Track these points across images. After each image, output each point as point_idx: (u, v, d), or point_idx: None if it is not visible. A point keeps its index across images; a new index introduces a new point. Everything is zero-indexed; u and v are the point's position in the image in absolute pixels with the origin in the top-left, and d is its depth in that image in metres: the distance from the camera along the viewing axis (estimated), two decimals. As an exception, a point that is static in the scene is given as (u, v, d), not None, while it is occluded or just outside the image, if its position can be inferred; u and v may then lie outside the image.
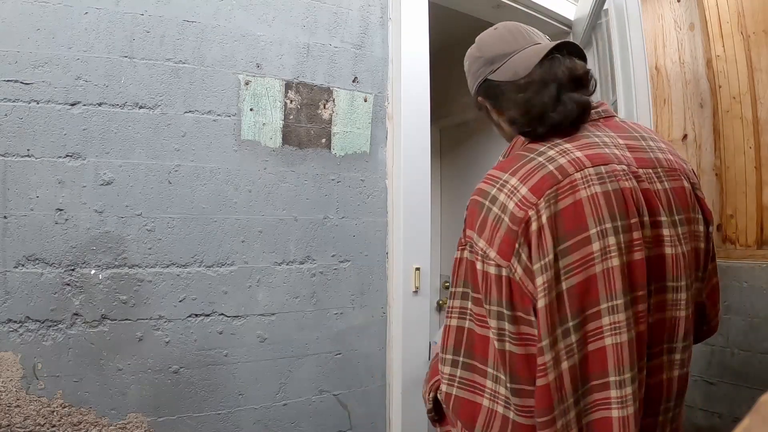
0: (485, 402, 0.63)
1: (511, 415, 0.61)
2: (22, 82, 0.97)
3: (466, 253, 0.68)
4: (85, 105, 1.02)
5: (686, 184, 0.68)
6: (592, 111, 0.70)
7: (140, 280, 1.05)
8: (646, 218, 0.63)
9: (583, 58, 0.73)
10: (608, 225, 0.60)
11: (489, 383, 0.63)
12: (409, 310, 1.34)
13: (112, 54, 1.05)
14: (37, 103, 0.98)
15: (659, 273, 0.64)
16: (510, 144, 0.80)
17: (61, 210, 1.00)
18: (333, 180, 1.29)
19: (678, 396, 0.68)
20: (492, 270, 0.62)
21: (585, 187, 0.61)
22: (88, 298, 1.01)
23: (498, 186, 0.66)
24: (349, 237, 1.31)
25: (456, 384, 0.65)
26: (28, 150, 0.98)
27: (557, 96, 0.67)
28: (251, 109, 1.19)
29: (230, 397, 1.14)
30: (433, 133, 1.45)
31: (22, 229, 0.97)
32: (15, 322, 0.95)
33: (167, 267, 1.08)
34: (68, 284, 0.99)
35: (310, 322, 1.24)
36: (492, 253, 0.62)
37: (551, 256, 0.59)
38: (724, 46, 1.55)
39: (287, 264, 1.22)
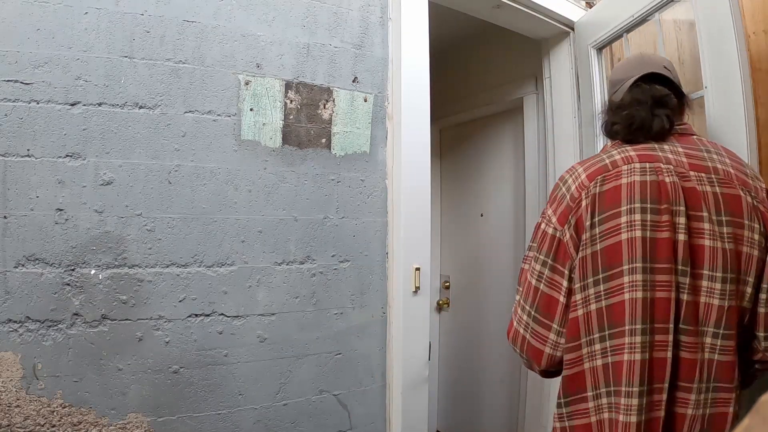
0: (547, 350, 0.84)
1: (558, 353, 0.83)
2: (22, 82, 0.97)
3: (543, 224, 0.87)
4: (85, 105, 1.02)
5: (742, 193, 0.78)
6: (676, 126, 0.86)
7: (140, 280, 1.05)
8: (682, 208, 0.76)
9: (666, 82, 0.89)
10: (637, 205, 0.77)
11: (552, 336, 0.83)
12: (409, 310, 1.34)
13: (112, 54, 1.05)
14: (37, 103, 0.98)
15: (697, 259, 0.76)
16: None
17: (61, 210, 1.00)
18: (333, 180, 1.29)
19: (711, 380, 0.76)
20: (549, 230, 0.85)
21: (627, 176, 0.80)
22: (88, 298, 1.01)
23: (570, 173, 0.88)
24: (349, 237, 1.31)
25: (529, 331, 0.86)
26: (28, 150, 0.98)
27: (650, 112, 0.85)
28: (251, 109, 1.19)
29: (230, 397, 1.14)
30: (433, 133, 1.45)
31: (22, 229, 0.97)
32: (15, 322, 0.95)
33: (167, 267, 1.08)
34: (68, 284, 0.99)
35: (310, 322, 1.24)
36: (554, 219, 0.85)
37: (589, 224, 0.80)
38: (724, 46, 1.54)
39: (287, 264, 1.22)
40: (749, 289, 0.77)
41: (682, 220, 0.76)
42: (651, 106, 0.85)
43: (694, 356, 0.76)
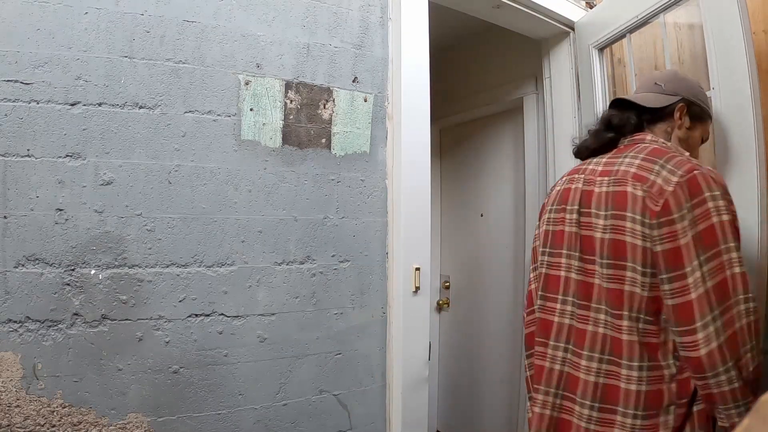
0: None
1: None
2: (22, 82, 0.97)
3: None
4: (85, 105, 1.02)
5: (631, 189, 0.86)
6: (624, 139, 1.00)
7: (140, 280, 1.05)
8: (575, 207, 0.96)
9: (626, 106, 1.02)
10: (551, 207, 1.04)
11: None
12: (409, 310, 1.34)
13: (112, 54, 1.05)
14: (37, 103, 0.98)
15: (588, 247, 0.93)
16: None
17: (61, 210, 1.00)
18: (333, 180, 1.29)
19: (606, 352, 0.88)
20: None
21: (557, 186, 1.07)
22: (88, 298, 1.01)
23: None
24: (349, 237, 1.31)
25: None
26: (28, 150, 0.98)
27: (595, 136, 1.03)
28: (251, 109, 1.19)
29: (230, 397, 1.14)
30: (433, 133, 1.45)
31: (22, 229, 0.97)
32: (15, 322, 0.95)
33: (167, 267, 1.08)
34: (68, 284, 0.99)
35: (310, 322, 1.24)
36: None
37: (538, 222, 1.11)
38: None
39: (287, 264, 1.22)
40: (639, 276, 0.84)
41: (573, 216, 0.96)
42: (598, 131, 1.03)
43: (585, 327, 0.92)
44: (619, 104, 1.05)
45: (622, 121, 1.00)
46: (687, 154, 0.93)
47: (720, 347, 0.75)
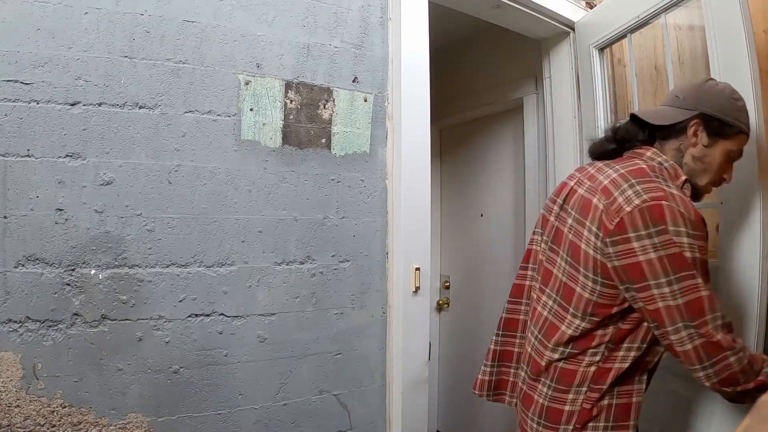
0: None
1: None
2: (22, 82, 0.97)
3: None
4: (85, 105, 1.02)
5: (596, 200, 0.90)
6: (626, 153, 1.02)
7: (140, 280, 1.05)
8: (560, 201, 1.01)
9: (637, 122, 1.02)
10: (551, 195, 1.08)
11: None
12: (409, 310, 1.34)
13: (112, 54, 1.05)
14: (37, 103, 0.98)
15: (558, 239, 0.99)
16: None
17: (61, 210, 1.00)
18: (333, 180, 1.29)
19: (541, 332, 0.97)
20: None
21: (564, 178, 1.09)
22: (88, 298, 1.01)
23: None
24: (349, 237, 1.31)
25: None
26: (28, 150, 0.98)
27: (602, 144, 1.07)
28: (251, 109, 1.19)
29: (230, 397, 1.14)
30: (433, 133, 1.45)
31: (22, 229, 0.97)
32: (15, 322, 0.95)
33: (167, 267, 1.08)
34: (68, 284, 0.99)
35: (310, 322, 1.24)
36: None
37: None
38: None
39: (287, 264, 1.22)
40: (589, 283, 0.89)
41: (557, 209, 1.02)
42: (603, 139, 1.06)
43: (536, 306, 1.01)
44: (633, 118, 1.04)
45: (628, 135, 1.01)
46: (682, 179, 0.94)
47: (695, 349, 0.81)
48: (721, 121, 0.94)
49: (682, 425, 1.16)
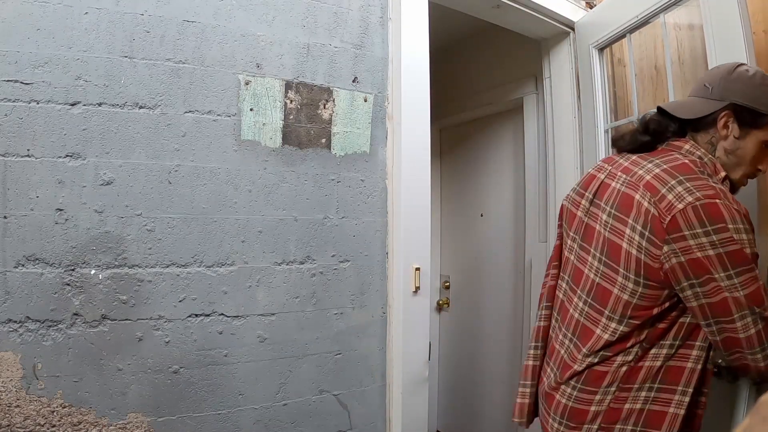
0: None
1: None
2: (22, 82, 0.97)
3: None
4: (85, 105, 1.02)
5: (640, 197, 0.86)
6: (659, 145, 0.99)
7: (140, 280, 1.05)
8: (590, 196, 0.98)
9: (666, 114, 0.98)
10: (576, 187, 1.05)
11: None
12: (409, 310, 1.34)
13: (112, 54, 1.05)
14: (37, 103, 0.98)
15: (588, 236, 0.96)
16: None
17: (61, 210, 1.00)
18: (333, 180, 1.29)
19: (574, 334, 0.94)
20: None
21: (590, 170, 1.05)
22: (88, 298, 1.01)
23: None
24: (349, 237, 1.31)
25: None
26: (28, 150, 0.98)
27: (632, 135, 1.02)
28: (251, 109, 1.19)
29: (230, 397, 1.14)
30: (433, 133, 1.45)
31: (22, 229, 0.97)
32: (15, 322, 0.95)
33: (167, 267, 1.08)
34: (68, 284, 0.99)
35: (310, 322, 1.24)
36: None
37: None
38: (724, 46, 1.54)
39: (287, 264, 1.22)
40: (630, 284, 0.86)
41: (586, 204, 0.98)
42: (635, 132, 1.02)
43: (568, 307, 0.98)
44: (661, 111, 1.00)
45: (660, 128, 0.97)
46: (721, 174, 0.91)
47: (758, 333, 0.80)
48: (753, 110, 0.88)
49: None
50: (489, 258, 2.44)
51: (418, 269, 1.35)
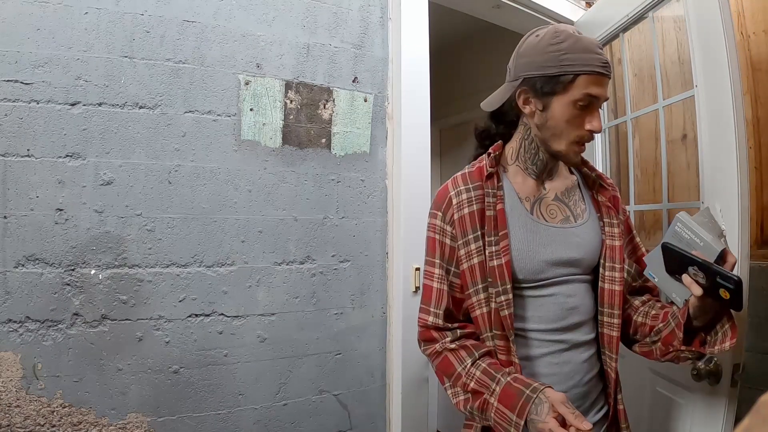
0: None
1: None
2: (22, 82, 0.97)
3: None
4: (85, 105, 1.02)
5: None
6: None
7: (140, 280, 1.05)
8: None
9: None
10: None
11: None
12: (409, 310, 1.34)
13: (112, 54, 1.05)
14: (37, 103, 0.98)
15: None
16: None
17: (61, 210, 1.00)
18: (333, 180, 1.29)
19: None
20: None
21: None
22: (88, 298, 1.01)
23: None
24: (349, 237, 1.31)
25: None
26: (28, 150, 0.98)
27: None
28: (251, 109, 1.19)
29: (230, 397, 1.14)
30: (433, 133, 1.45)
31: (22, 229, 0.97)
32: (15, 322, 0.95)
33: (167, 267, 1.08)
34: (68, 284, 0.99)
35: (310, 322, 1.24)
36: None
37: None
38: (724, 46, 1.54)
39: (287, 264, 1.22)
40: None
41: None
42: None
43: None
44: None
45: (483, 131, 0.99)
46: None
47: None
48: (545, 77, 0.81)
49: (666, 424, 1.16)
50: (489, 258, 2.44)
51: (418, 269, 1.35)
